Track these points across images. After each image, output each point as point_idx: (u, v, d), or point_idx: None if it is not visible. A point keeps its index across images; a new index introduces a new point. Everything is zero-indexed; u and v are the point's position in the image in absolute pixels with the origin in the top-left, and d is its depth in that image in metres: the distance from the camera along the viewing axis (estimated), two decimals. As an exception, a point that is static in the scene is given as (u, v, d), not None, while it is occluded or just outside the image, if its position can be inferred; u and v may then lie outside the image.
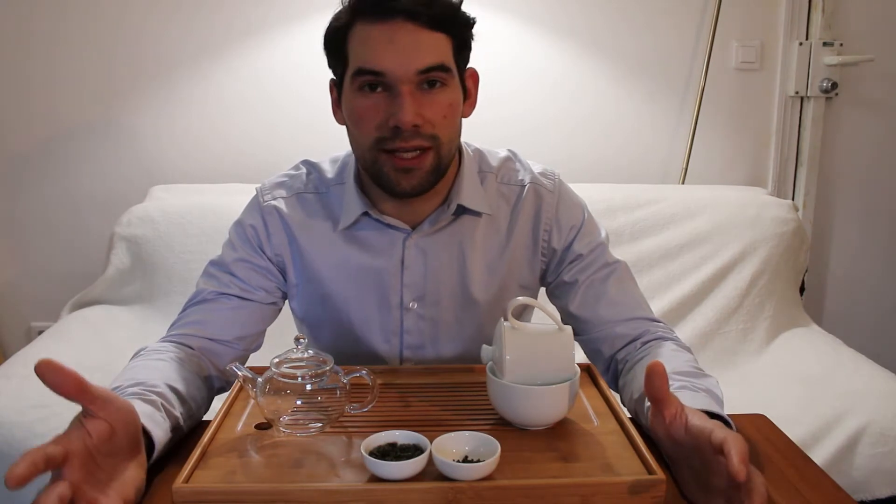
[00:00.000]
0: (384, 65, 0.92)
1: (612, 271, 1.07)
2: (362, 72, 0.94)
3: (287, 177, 1.11)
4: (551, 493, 0.68)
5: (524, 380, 0.80)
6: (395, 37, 0.92)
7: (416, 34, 0.93)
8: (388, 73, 0.92)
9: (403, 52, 0.92)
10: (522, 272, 1.10)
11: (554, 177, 1.11)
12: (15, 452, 1.26)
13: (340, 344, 1.10)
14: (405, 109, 0.92)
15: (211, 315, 1.01)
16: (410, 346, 1.09)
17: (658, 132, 2.11)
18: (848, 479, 1.37)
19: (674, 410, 0.73)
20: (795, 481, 0.77)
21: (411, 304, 1.07)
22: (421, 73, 0.93)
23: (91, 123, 2.00)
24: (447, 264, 1.06)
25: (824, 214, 2.20)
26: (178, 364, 0.91)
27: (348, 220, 1.04)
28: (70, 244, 2.05)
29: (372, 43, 0.93)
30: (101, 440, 0.66)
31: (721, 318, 1.82)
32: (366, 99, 0.95)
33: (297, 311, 1.13)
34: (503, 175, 1.09)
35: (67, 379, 0.65)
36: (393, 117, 0.93)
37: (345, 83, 0.98)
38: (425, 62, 0.93)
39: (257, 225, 1.06)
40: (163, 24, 1.96)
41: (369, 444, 0.72)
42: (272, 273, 1.07)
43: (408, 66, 0.92)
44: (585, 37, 2.02)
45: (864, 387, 1.50)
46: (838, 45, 2.06)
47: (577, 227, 1.09)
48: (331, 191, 1.08)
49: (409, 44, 0.92)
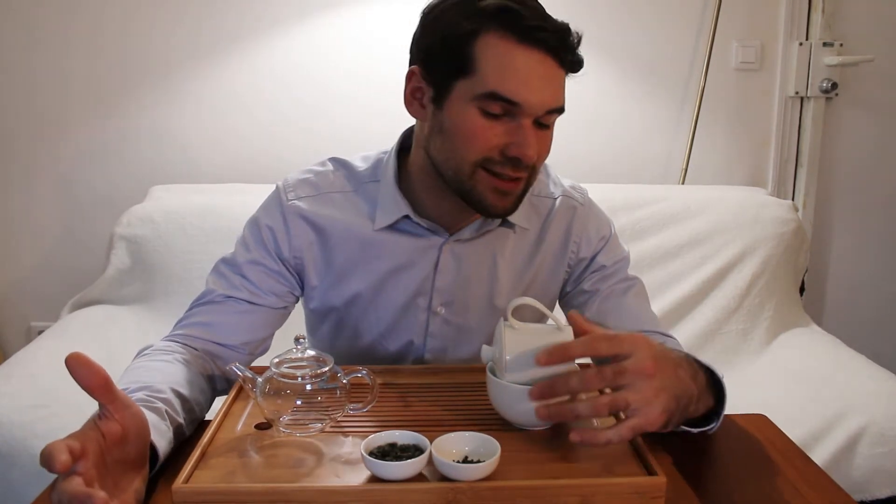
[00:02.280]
0: (523, 98, 0.88)
1: (630, 286, 1.09)
2: (497, 97, 0.88)
3: (312, 174, 1.06)
4: (551, 493, 0.68)
5: (524, 380, 0.80)
6: (538, 71, 0.89)
7: (555, 74, 0.91)
8: (524, 106, 0.89)
9: (542, 89, 0.89)
10: (546, 282, 1.10)
11: (584, 191, 1.12)
12: (15, 452, 1.26)
13: (361, 344, 1.09)
14: (531, 145, 0.90)
15: (218, 318, 1.00)
16: (432, 350, 1.09)
17: (658, 132, 2.11)
18: (848, 479, 1.37)
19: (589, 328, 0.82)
20: (795, 481, 0.77)
21: (439, 309, 1.06)
22: (547, 112, 0.91)
23: (91, 123, 2.00)
24: (478, 273, 1.06)
25: (824, 214, 2.20)
26: (184, 366, 0.90)
27: (387, 221, 1.01)
28: (70, 244, 2.05)
29: (514, 71, 0.88)
30: (113, 443, 0.66)
31: (721, 318, 1.82)
32: (486, 120, 0.90)
33: (316, 312, 1.10)
34: (534, 187, 1.08)
35: (94, 375, 0.66)
36: (516, 148, 0.90)
37: (457, 89, 0.91)
38: (556, 104, 0.92)
39: (275, 226, 1.03)
40: (163, 24, 1.96)
41: (369, 444, 0.72)
42: (285, 277, 1.04)
43: (543, 104, 0.90)
44: (585, 37, 2.01)
45: (863, 387, 1.50)
46: (838, 46, 2.06)
47: (606, 238, 1.11)
48: (363, 188, 1.05)
49: (547, 82, 0.90)
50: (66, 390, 1.38)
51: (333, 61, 1.98)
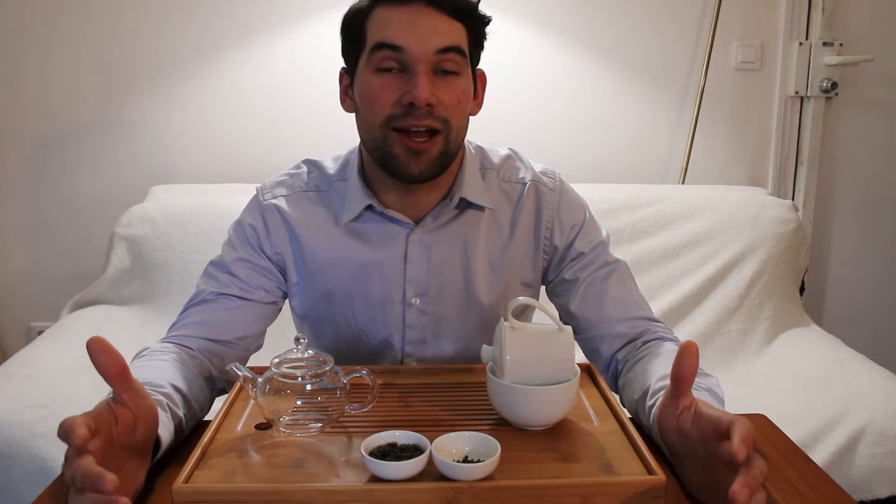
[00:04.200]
0: (403, 40, 0.93)
1: (612, 270, 1.08)
2: (381, 45, 0.95)
3: (287, 176, 1.11)
4: (551, 493, 0.68)
5: (524, 380, 0.80)
6: (417, 19, 0.94)
7: (436, 18, 0.95)
8: (407, 49, 0.93)
9: (423, 32, 0.94)
10: (525, 270, 1.10)
11: (555, 176, 1.12)
12: (15, 452, 1.26)
13: (342, 341, 1.10)
14: (421, 87, 0.93)
15: (211, 316, 1.01)
16: (412, 342, 1.09)
17: (658, 132, 2.11)
18: (848, 479, 1.37)
19: (688, 401, 0.73)
20: (795, 481, 0.77)
21: (414, 300, 1.07)
22: (438, 53, 0.94)
23: (91, 123, 2.00)
24: (450, 261, 1.07)
25: (824, 214, 2.20)
26: (181, 365, 0.91)
27: (352, 214, 1.04)
28: (70, 244, 2.05)
29: (392, 22, 0.94)
30: (124, 430, 0.68)
31: (721, 318, 1.82)
32: (381, 78, 0.96)
33: (297, 310, 1.13)
34: (504, 173, 1.10)
35: (113, 361, 0.68)
36: (408, 94, 0.93)
37: (359, 65, 0.99)
38: (444, 42, 0.94)
39: (257, 224, 1.07)
40: (163, 24, 1.96)
41: (369, 444, 0.72)
42: (272, 272, 1.07)
43: (427, 45, 0.93)
44: (585, 37, 2.02)
45: (864, 387, 1.50)
46: (838, 45, 2.06)
47: (579, 225, 1.09)
48: (333, 187, 1.08)
49: (429, 25, 0.94)
50: (66, 390, 1.38)
51: (333, 61, 1.97)
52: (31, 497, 0.74)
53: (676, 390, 0.73)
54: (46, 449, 1.26)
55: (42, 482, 0.71)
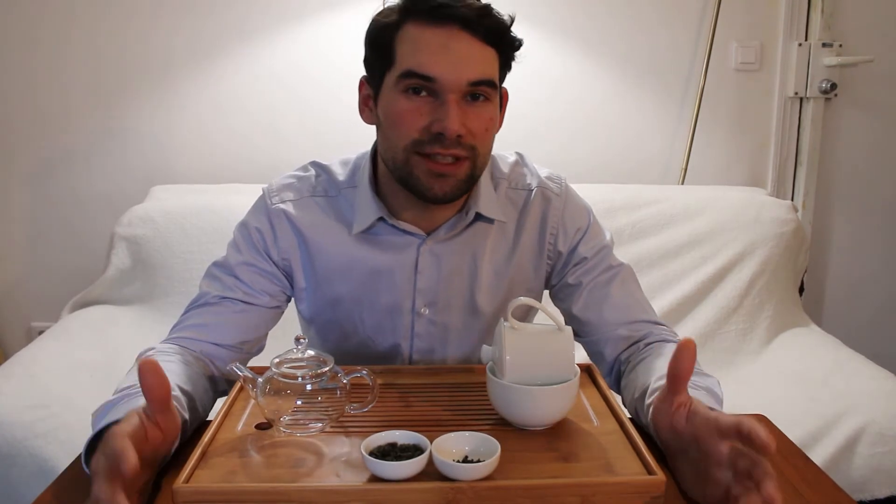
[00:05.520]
0: (436, 71, 0.91)
1: (615, 274, 1.07)
2: (412, 74, 0.92)
3: (295, 178, 1.09)
4: (551, 493, 0.68)
5: (524, 380, 0.80)
6: (450, 44, 0.91)
7: (470, 45, 0.92)
8: (440, 80, 0.91)
9: (457, 62, 0.91)
10: (528, 276, 1.10)
11: (560, 181, 1.11)
12: (15, 452, 1.26)
13: (348, 346, 1.10)
14: (452, 118, 0.91)
15: (214, 319, 1.00)
16: (420, 350, 1.09)
17: (658, 132, 2.11)
18: (848, 479, 1.37)
19: (683, 399, 0.73)
20: (795, 481, 0.77)
21: (423, 310, 1.06)
22: (471, 85, 0.92)
23: (91, 123, 2.00)
24: (459, 271, 1.06)
25: (824, 215, 2.20)
26: (187, 366, 0.91)
27: (363, 225, 1.02)
28: (70, 244, 2.05)
29: (425, 47, 0.92)
30: (150, 448, 0.69)
31: (721, 318, 1.82)
32: (409, 101, 0.93)
33: (305, 314, 1.12)
34: (513, 180, 1.09)
35: (160, 388, 0.69)
36: (438, 123, 0.92)
37: (386, 82, 0.96)
38: (477, 75, 0.92)
39: (263, 228, 1.05)
40: (163, 24, 1.96)
41: (369, 444, 0.72)
42: (277, 277, 1.05)
43: (460, 75, 0.91)
44: (585, 38, 2.02)
45: (863, 387, 1.50)
46: (837, 46, 2.06)
47: (583, 230, 1.09)
48: (342, 194, 1.06)
49: (463, 53, 0.91)
50: (66, 390, 1.38)
51: (333, 61, 1.98)
52: (31, 497, 0.74)
53: (672, 387, 0.74)
54: (46, 449, 1.26)
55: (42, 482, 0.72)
